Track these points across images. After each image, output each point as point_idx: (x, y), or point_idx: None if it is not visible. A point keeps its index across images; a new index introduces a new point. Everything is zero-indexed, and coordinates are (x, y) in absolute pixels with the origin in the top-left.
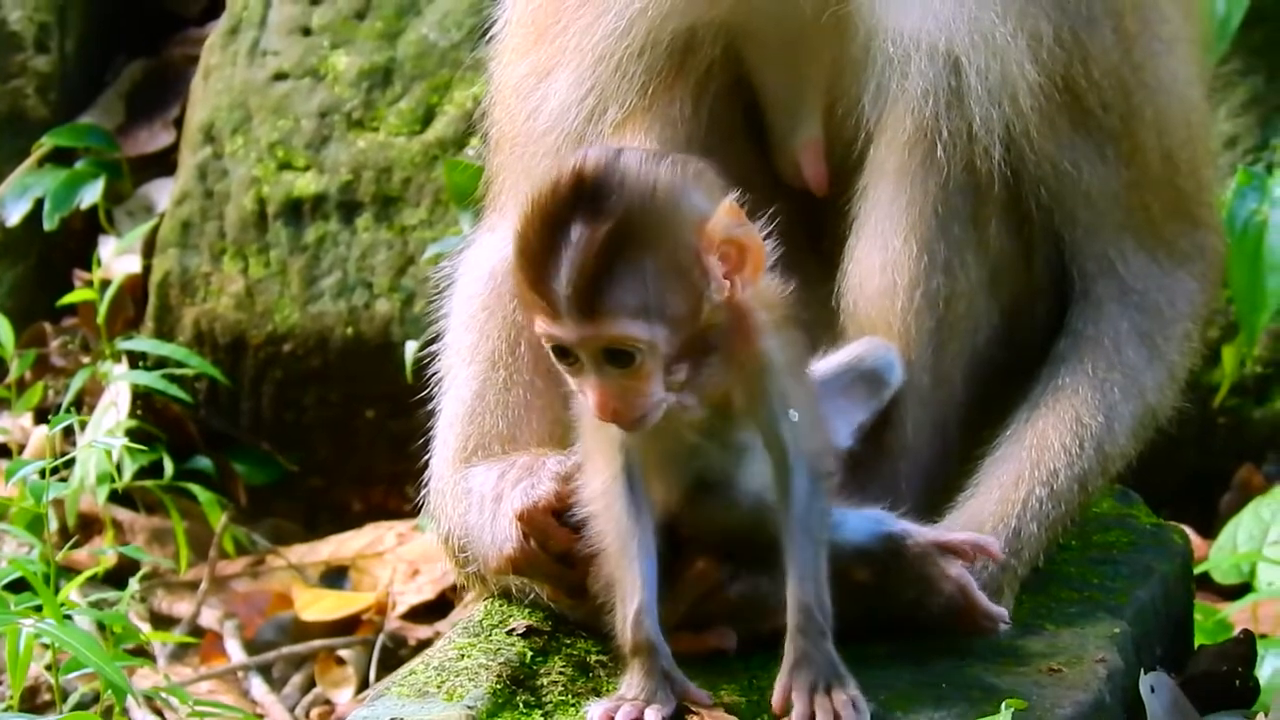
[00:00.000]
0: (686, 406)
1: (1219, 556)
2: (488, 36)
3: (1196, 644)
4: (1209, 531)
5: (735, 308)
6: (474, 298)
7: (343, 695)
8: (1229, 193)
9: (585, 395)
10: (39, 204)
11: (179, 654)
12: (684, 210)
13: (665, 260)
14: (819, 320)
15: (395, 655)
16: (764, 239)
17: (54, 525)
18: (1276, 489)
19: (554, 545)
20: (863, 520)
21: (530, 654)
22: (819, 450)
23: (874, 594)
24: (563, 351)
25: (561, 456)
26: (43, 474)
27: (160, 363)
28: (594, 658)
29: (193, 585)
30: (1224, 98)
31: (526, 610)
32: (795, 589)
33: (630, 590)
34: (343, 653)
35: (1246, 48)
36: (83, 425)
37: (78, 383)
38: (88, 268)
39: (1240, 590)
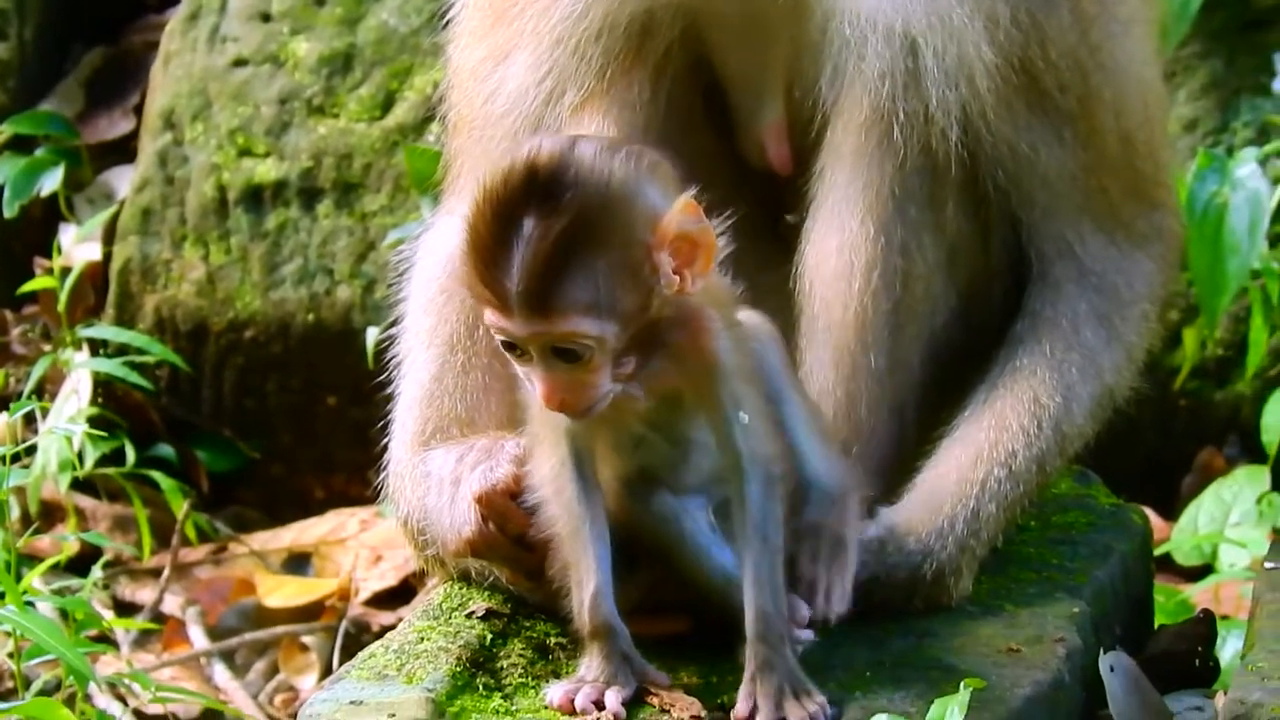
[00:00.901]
0: (633, 396)
1: (1180, 538)
2: (446, 21)
3: (1157, 624)
4: (1170, 514)
5: (686, 306)
6: (432, 281)
7: (306, 681)
8: (1189, 175)
9: (532, 385)
10: None
11: (142, 641)
12: (639, 207)
13: (618, 257)
14: (779, 302)
15: (358, 641)
16: (718, 233)
17: (15, 513)
18: (1238, 471)
19: (512, 528)
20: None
21: (490, 637)
22: (772, 454)
23: None
24: (511, 344)
25: (520, 439)
26: (4, 461)
27: (121, 350)
28: (554, 640)
29: (155, 572)
30: (1184, 81)
31: (486, 593)
32: (753, 596)
33: (586, 574)
34: (306, 639)
35: (1206, 31)
36: (44, 412)
37: (39, 370)
38: (48, 255)
39: (1202, 572)
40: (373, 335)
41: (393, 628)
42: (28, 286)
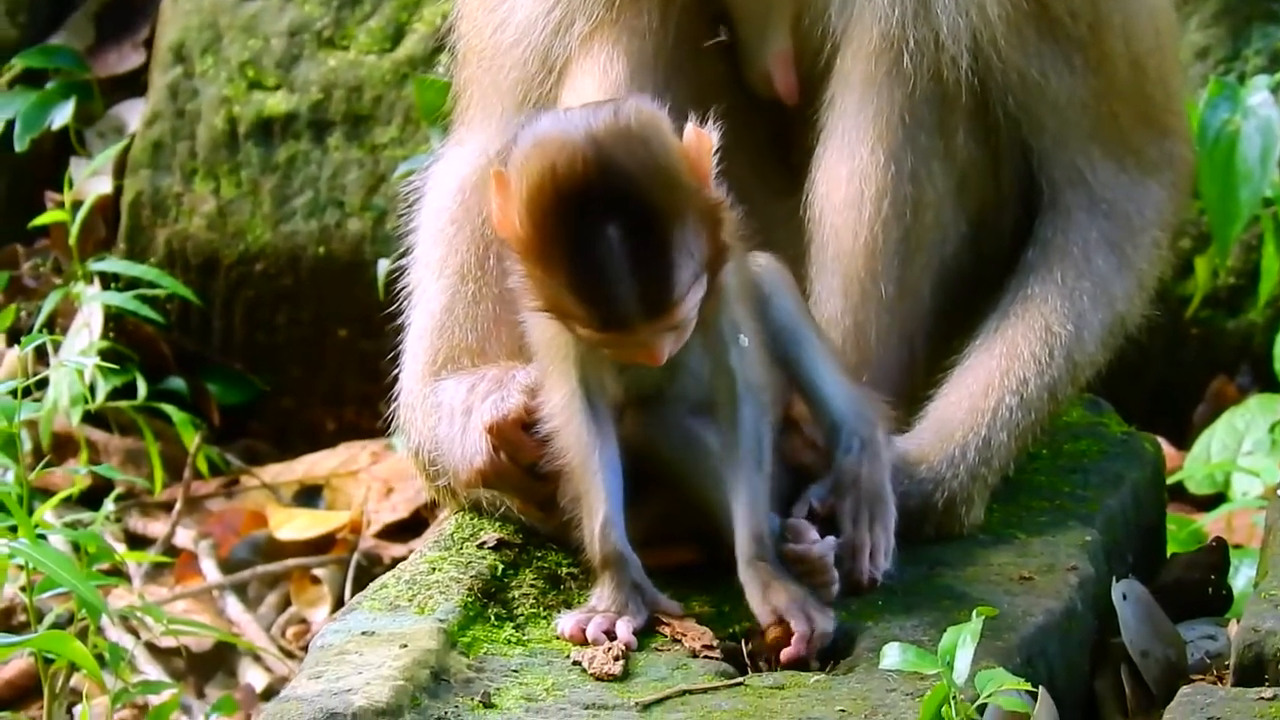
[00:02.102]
0: None
1: (1193, 467)
2: None
3: (1169, 553)
4: (1182, 443)
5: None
6: (442, 211)
7: (318, 614)
8: (1201, 103)
9: (634, 354)
10: (9, 126)
11: (154, 574)
12: (677, 160)
13: (691, 218)
14: (788, 232)
15: (370, 574)
16: (709, 131)
17: (27, 446)
18: (1250, 400)
19: (524, 458)
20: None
21: (501, 567)
22: (765, 382)
23: None
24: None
25: (531, 369)
26: (15, 394)
27: (132, 283)
28: (565, 570)
29: (167, 505)
30: (1195, 8)
31: (497, 523)
32: (745, 518)
33: (596, 503)
34: (318, 571)
35: None
36: (55, 346)
37: (50, 304)
38: (59, 189)
39: (1214, 501)
40: (383, 267)
41: (404, 559)
42: (39, 220)
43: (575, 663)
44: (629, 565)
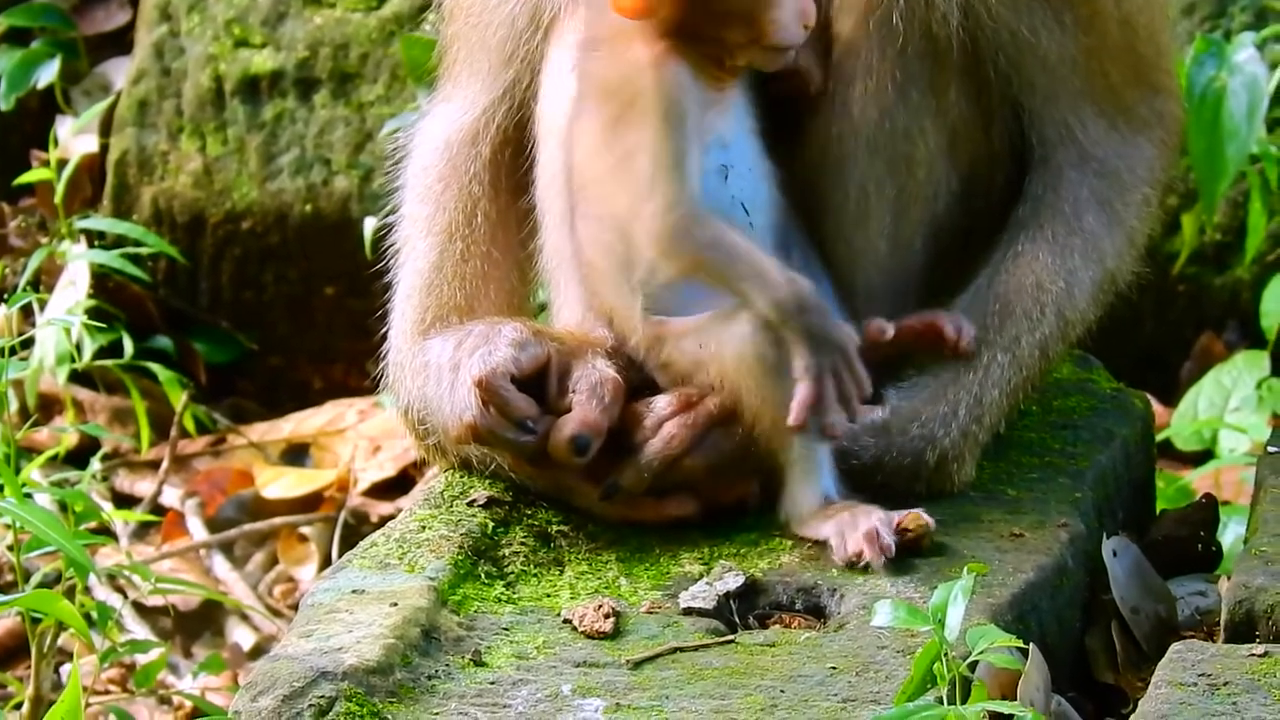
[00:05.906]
0: None
1: (1181, 424)
2: None
3: (1158, 509)
4: (1170, 400)
5: None
6: (430, 169)
7: (305, 572)
8: (1187, 60)
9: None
10: None
11: (141, 533)
12: None
13: None
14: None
15: (357, 532)
16: None
17: (14, 405)
18: (1237, 356)
19: (513, 412)
20: None
21: (491, 525)
22: None
23: None
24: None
25: (518, 324)
26: (1, 353)
27: (118, 242)
28: (555, 528)
29: (154, 464)
30: None
31: (487, 481)
32: None
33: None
34: (305, 530)
35: None
36: (41, 305)
37: (35, 262)
38: (45, 147)
39: (1202, 458)
40: (370, 225)
41: (391, 518)
42: (24, 178)
43: (566, 621)
44: None
